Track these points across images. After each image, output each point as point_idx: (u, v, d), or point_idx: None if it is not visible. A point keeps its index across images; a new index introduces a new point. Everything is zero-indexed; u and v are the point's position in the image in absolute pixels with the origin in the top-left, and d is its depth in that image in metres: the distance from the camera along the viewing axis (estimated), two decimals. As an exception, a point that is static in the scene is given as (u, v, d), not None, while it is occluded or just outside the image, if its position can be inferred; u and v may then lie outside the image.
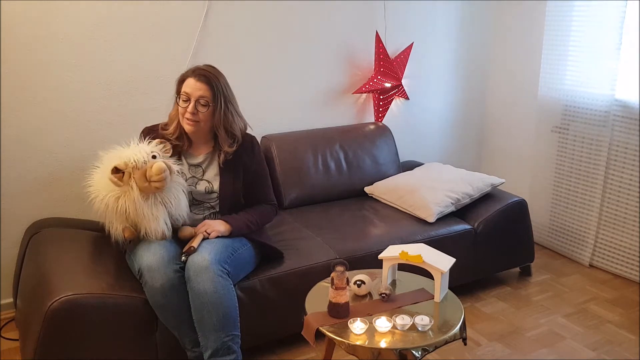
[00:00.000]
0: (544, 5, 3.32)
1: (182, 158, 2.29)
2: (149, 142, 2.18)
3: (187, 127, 2.21)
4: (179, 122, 2.24)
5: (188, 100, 2.17)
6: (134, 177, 2.05)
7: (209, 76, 2.20)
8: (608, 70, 3.03)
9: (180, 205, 2.17)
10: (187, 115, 2.18)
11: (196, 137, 2.28)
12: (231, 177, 2.30)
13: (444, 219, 2.85)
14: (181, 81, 2.22)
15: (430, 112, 3.72)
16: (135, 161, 2.05)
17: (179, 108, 2.21)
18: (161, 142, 2.20)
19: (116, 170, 2.05)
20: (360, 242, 2.61)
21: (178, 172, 2.17)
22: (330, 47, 3.25)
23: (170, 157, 2.20)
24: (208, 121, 2.21)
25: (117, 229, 2.13)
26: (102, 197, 2.09)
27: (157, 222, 2.08)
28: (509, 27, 3.68)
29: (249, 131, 2.37)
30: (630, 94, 2.98)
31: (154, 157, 2.10)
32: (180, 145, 2.27)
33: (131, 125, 2.69)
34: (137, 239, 2.13)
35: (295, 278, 2.35)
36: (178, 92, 2.22)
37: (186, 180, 2.25)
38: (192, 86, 2.17)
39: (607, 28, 3.00)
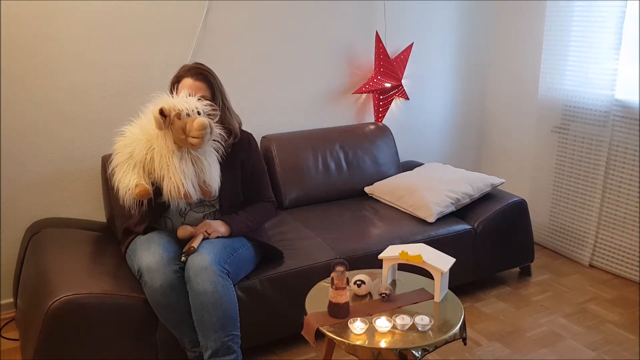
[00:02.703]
0: (544, 5, 3.32)
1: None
2: (199, 98, 2.06)
3: None
4: None
5: None
6: (171, 127, 1.95)
7: (205, 74, 2.20)
8: (608, 70, 3.03)
9: (211, 171, 2.07)
10: None
11: None
12: (230, 175, 2.29)
13: (444, 219, 2.85)
14: (176, 82, 2.20)
15: (430, 112, 3.72)
16: (180, 109, 1.94)
17: None
18: (211, 106, 2.07)
19: (161, 113, 1.93)
20: (360, 242, 2.61)
21: (218, 136, 2.08)
22: (330, 47, 3.25)
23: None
24: None
25: (129, 184, 2.00)
26: (127, 143, 2.01)
27: (184, 178, 1.97)
28: (509, 27, 3.68)
29: (244, 128, 2.36)
30: (630, 94, 2.98)
31: (198, 113, 1.99)
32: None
33: (131, 125, 2.69)
34: (148, 198, 2.03)
35: (295, 278, 2.35)
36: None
37: None
38: (191, 86, 2.16)
39: (607, 28, 3.00)
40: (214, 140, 2.09)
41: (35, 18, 2.49)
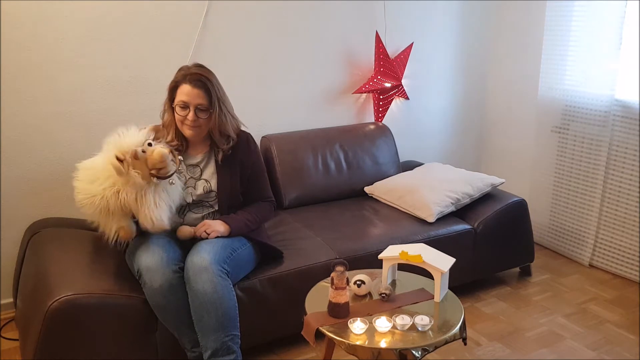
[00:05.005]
0: (544, 5, 3.32)
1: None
2: (140, 129, 2.13)
3: (188, 133, 2.20)
4: (176, 128, 2.22)
5: (186, 107, 2.15)
6: (133, 168, 2.00)
7: (204, 80, 2.16)
8: (608, 70, 3.03)
9: (175, 192, 2.15)
10: (188, 122, 2.16)
11: (195, 139, 2.28)
12: (228, 175, 2.29)
13: (444, 219, 2.85)
14: (174, 88, 2.18)
15: (430, 112, 3.72)
16: (133, 150, 1.99)
17: (177, 116, 2.18)
18: (158, 136, 2.17)
19: (118, 159, 1.99)
20: (360, 242, 2.61)
21: (176, 158, 2.12)
22: (330, 47, 3.25)
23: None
24: (208, 124, 2.22)
25: (111, 231, 2.10)
26: (101, 195, 2.04)
27: (160, 209, 2.04)
28: (509, 27, 3.68)
29: (243, 128, 2.36)
30: (630, 94, 2.98)
31: (149, 144, 2.05)
32: (179, 149, 2.25)
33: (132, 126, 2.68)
34: (132, 238, 2.13)
35: (295, 278, 2.35)
36: (171, 99, 2.19)
37: (185, 182, 2.25)
38: (189, 93, 2.14)
39: (607, 28, 3.00)
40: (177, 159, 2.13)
41: (35, 18, 2.49)
